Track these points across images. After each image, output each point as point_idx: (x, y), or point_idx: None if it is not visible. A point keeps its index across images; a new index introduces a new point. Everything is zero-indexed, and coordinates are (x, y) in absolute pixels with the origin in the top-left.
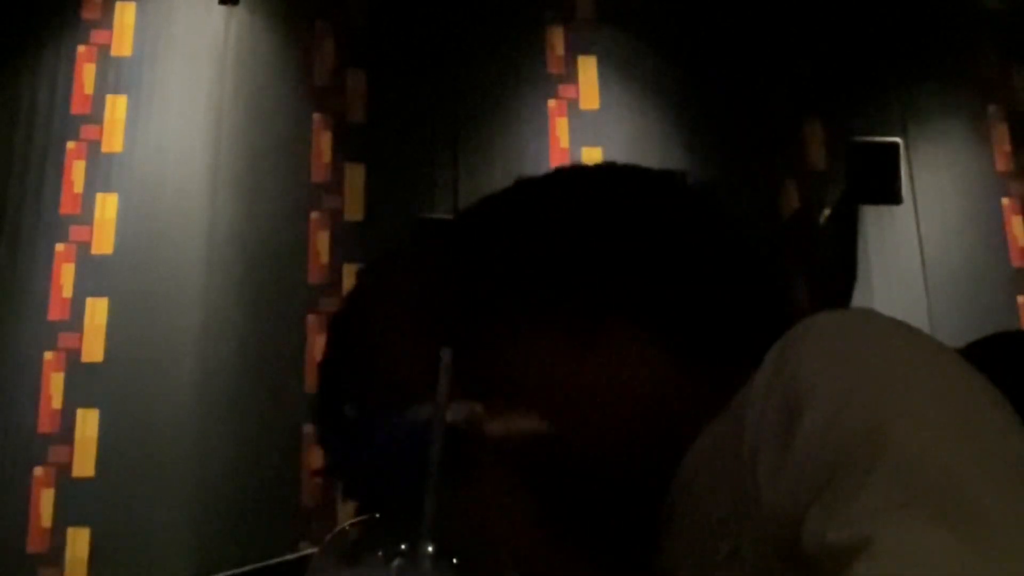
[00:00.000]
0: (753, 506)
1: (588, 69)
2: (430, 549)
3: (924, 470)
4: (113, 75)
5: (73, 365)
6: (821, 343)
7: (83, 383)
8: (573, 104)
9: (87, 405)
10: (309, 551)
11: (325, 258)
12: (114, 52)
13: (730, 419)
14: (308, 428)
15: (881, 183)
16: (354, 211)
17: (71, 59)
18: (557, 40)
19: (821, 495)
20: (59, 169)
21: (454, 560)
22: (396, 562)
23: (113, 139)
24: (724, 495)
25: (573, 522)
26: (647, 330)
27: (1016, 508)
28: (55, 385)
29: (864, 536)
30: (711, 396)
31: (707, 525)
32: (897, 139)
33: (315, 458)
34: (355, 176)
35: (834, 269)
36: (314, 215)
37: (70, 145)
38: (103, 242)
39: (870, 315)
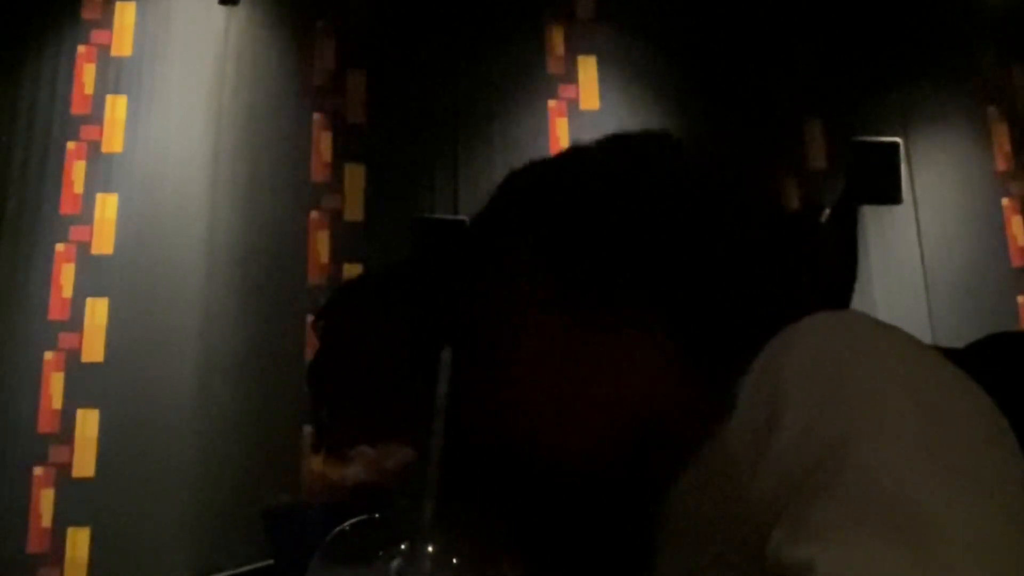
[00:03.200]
0: (736, 506)
1: (588, 69)
2: (430, 549)
3: (881, 486)
4: (113, 75)
5: (73, 365)
6: (804, 349)
7: (83, 383)
8: (573, 104)
9: (87, 405)
10: None
11: (325, 258)
12: (114, 52)
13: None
14: (308, 428)
15: (881, 183)
16: (354, 211)
17: (71, 59)
18: (557, 40)
19: (786, 509)
20: (59, 169)
21: (454, 560)
22: (396, 562)
23: (113, 139)
24: (712, 497)
25: (551, 538)
26: (659, 320)
27: (973, 523)
28: (55, 385)
29: (809, 557)
30: (709, 395)
31: (697, 529)
32: (897, 139)
33: (315, 459)
34: (355, 176)
35: (834, 269)
36: (314, 215)
37: (70, 145)
38: (103, 242)
39: (856, 320)
